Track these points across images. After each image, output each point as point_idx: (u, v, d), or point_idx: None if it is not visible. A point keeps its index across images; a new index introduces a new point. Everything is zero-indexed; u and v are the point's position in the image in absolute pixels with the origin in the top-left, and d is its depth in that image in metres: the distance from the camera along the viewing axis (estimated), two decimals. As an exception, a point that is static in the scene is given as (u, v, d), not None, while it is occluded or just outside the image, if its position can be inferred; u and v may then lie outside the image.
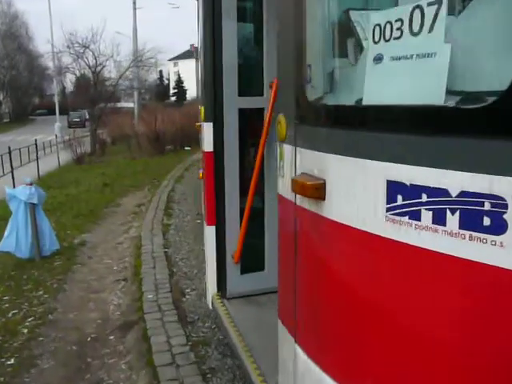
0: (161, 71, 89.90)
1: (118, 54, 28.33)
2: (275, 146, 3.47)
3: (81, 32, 26.76)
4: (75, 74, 26.74)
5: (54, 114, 40.54)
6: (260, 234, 3.96)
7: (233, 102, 3.72)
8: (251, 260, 3.95)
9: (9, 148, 14.57)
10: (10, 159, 14.42)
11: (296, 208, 1.95)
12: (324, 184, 1.73)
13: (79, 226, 8.86)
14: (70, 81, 37.47)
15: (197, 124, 5.64)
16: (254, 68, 3.91)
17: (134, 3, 33.21)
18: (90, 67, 23.50)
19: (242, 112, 3.79)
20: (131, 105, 40.14)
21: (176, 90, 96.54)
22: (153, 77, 52.81)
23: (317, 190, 1.75)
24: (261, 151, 3.71)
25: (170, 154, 19.58)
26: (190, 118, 22.59)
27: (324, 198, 1.73)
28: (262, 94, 3.81)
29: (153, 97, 61.54)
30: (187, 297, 5.36)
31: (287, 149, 2.04)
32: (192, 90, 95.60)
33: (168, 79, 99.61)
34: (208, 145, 3.83)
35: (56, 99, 40.62)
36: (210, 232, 3.96)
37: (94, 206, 10.55)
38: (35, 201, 6.70)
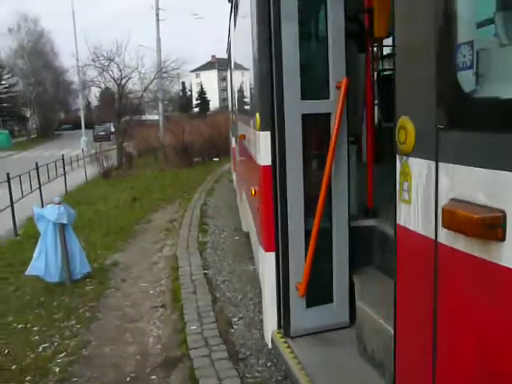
0: (183, 83, 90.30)
1: (142, 66, 28.07)
2: (343, 158, 2.91)
3: (105, 45, 26.52)
4: (100, 88, 26.54)
5: (80, 128, 40.61)
6: (327, 260, 3.38)
7: (295, 107, 3.16)
8: (317, 291, 3.37)
9: (36, 164, 14.27)
10: (38, 176, 14.11)
11: (440, 248, 1.37)
12: (503, 217, 1.15)
13: (110, 245, 8.39)
14: (94, 95, 37.52)
15: (240, 134, 5.13)
16: (316, 68, 3.35)
17: (157, 15, 33.06)
18: (115, 80, 23.27)
19: (304, 118, 3.23)
20: (155, 117, 40.02)
21: (199, 101, 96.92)
22: (175, 88, 52.74)
23: (490, 227, 1.17)
24: (329, 165, 3.14)
25: (198, 166, 19.12)
26: (217, 129, 22.24)
27: (503, 239, 1.15)
28: (327, 97, 3.24)
29: (176, 108, 61.54)
30: (235, 327, 4.78)
31: (419, 165, 1.47)
32: (214, 101, 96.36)
33: (190, 90, 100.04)
34: (265, 158, 3.28)
35: (82, 113, 40.69)
36: (268, 259, 3.39)
37: (124, 223, 10.09)
38: (65, 221, 6.25)
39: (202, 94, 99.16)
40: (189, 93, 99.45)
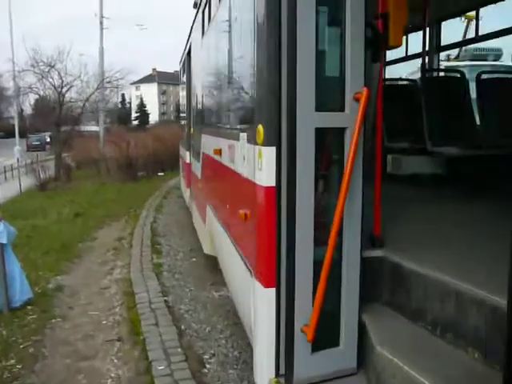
0: (123, 94, 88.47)
1: (85, 74, 26.86)
2: (358, 179, 2.50)
3: (46, 51, 25.11)
4: (39, 95, 25.11)
5: (12, 136, 38.49)
6: (335, 296, 2.92)
7: (308, 119, 2.71)
8: (323, 332, 2.88)
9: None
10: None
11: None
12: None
13: (52, 266, 7.56)
14: (28, 103, 35.56)
15: (215, 148, 4.62)
16: (331, 77, 2.91)
17: (101, 23, 32.00)
18: (55, 87, 22.05)
19: (317, 133, 2.78)
20: (93, 128, 38.60)
21: (138, 114, 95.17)
22: (114, 100, 51.36)
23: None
24: (345, 187, 2.70)
25: (143, 181, 18.28)
26: (161, 142, 21.52)
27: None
28: (342, 110, 2.81)
29: (114, 120, 60.00)
30: (208, 366, 4.22)
31: None
32: (154, 114, 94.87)
33: (130, 103, 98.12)
34: (268, 177, 2.79)
35: (16, 121, 38.58)
36: (267, 296, 2.89)
37: (66, 240, 9.24)
38: (4, 240, 5.49)
39: (141, 106, 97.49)
40: (128, 105, 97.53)
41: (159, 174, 19.64)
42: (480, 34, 5.96)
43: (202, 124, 6.82)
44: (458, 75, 5.68)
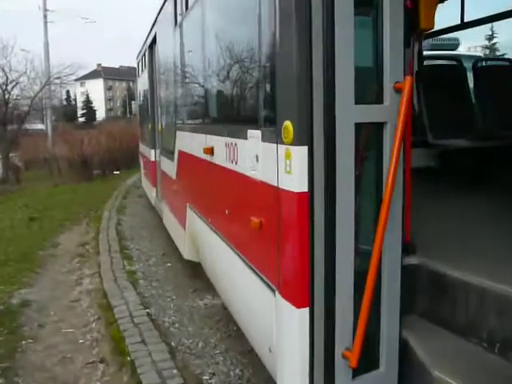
0: (68, 91, 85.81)
1: (31, 70, 25.54)
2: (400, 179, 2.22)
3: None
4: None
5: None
6: (374, 312, 2.58)
7: (347, 114, 2.35)
8: (363, 354, 2.54)
9: None
10: None
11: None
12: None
13: (13, 278, 6.91)
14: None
15: (205, 147, 4.20)
16: (368, 65, 2.55)
17: (45, 17, 30.58)
18: (-1, 85, 20.81)
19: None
20: (39, 126, 37.05)
21: (85, 111, 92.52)
22: (58, 97, 49.59)
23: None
24: (389, 190, 2.36)
25: (98, 180, 17.46)
26: (115, 140, 20.73)
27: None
28: (381, 102, 2.47)
29: (60, 118, 57.96)
30: (210, 389, 3.82)
31: None
32: (101, 111, 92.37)
33: (75, 99, 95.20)
34: (300, 181, 2.42)
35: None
36: (299, 318, 2.51)
37: (25, 248, 8.54)
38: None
39: (88, 103, 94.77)
40: (73, 102, 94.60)
41: (115, 172, 18.87)
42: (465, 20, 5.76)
43: (176, 120, 6.35)
44: (455, 63, 5.47)
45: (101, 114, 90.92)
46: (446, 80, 4.99)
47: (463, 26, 5.82)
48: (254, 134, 2.95)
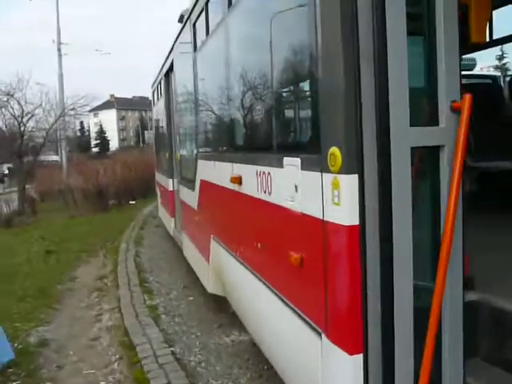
0: (82, 122, 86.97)
1: (47, 103, 25.80)
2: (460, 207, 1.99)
3: (4, 78, 23.97)
4: (-2, 126, 23.87)
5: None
6: (435, 358, 2.30)
7: (403, 137, 2.12)
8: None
9: None
10: None
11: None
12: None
13: (30, 315, 6.69)
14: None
15: (232, 177, 3.99)
16: (422, 82, 2.33)
17: (59, 50, 31.04)
18: (15, 117, 20.95)
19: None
20: (53, 157, 37.34)
21: (98, 141, 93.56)
22: (72, 128, 50.21)
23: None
24: (451, 219, 2.12)
25: (114, 210, 17.34)
26: (130, 169, 20.70)
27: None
28: (436, 123, 2.24)
29: (74, 148, 58.60)
30: None
31: None
32: (114, 141, 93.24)
33: (88, 130, 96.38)
34: (351, 213, 2.18)
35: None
36: (353, 365, 2.25)
37: (42, 282, 8.33)
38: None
39: (101, 133, 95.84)
40: (86, 132, 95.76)
41: (131, 202, 18.75)
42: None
43: (196, 149, 6.17)
44: (490, 81, 5.24)
45: (114, 144, 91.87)
46: (482, 99, 4.75)
47: (492, 43, 5.60)
48: (292, 161, 2.73)
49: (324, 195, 2.34)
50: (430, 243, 2.30)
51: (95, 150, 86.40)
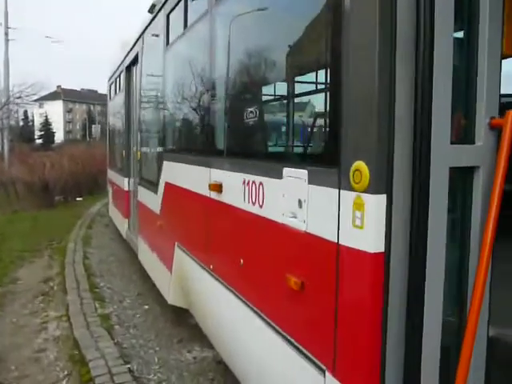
0: (25, 111, 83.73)
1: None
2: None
3: None
4: None
5: None
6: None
7: (441, 156, 1.85)
8: None
9: None
10: None
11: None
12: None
13: (-33, 320, 6.08)
14: None
15: (212, 183, 3.65)
16: (458, 97, 2.07)
17: (6, 34, 29.53)
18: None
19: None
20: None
21: (42, 132, 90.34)
22: (15, 117, 48.08)
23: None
24: (488, 250, 1.87)
25: (61, 207, 16.44)
26: (78, 164, 19.85)
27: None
28: (472, 142, 1.99)
29: (15, 138, 56.14)
30: None
31: None
32: (59, 133, 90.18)
33: (32, 120, 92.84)
34: (375, 239, 1.89)
35: None
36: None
37: (-20, 284, 7.67)
38: None
39: (46, 124, 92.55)
40: (30, 123, 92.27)
41: (78, 198, 17.89)
42: None
43: (163, 149, 5.75)
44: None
45: (59, 137, 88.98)
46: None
47: None
48: (296, 173, 2.42)
49: (341, 215, 2.05)
50: (458, 274, 2.04)
51: (39, 141, 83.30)
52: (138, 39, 7.45)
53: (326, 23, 2.22)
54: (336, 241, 2.08)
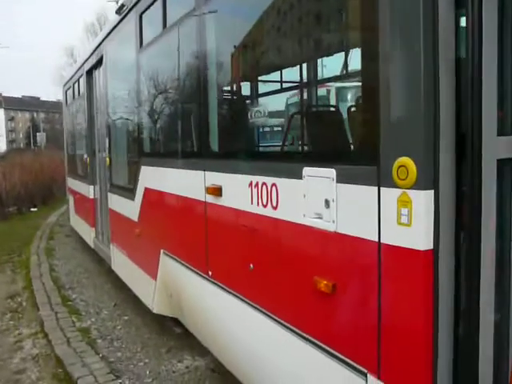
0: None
1: None
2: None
3: None
4: None
5: None
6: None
7: (488, 148, 1.82)
8: None
9: None
10: None
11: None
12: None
13: None
14: None
15: (209, 187, 3.54)
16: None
17: None
18: None
19: None
20: None
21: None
22: None
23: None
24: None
25: (15, 219, 15.75)
26: (31, 173, 19.14)
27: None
28: (508, 133, 1.97)
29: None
30: None
31: None
32: (1, 143, 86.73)
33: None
34: (425, 235, 1.85)
35: None
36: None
37: None
38: None
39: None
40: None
41: (32, 209, 17.19)
42: None
43: (139, 153, 5.56)
44: None
45: (1, 146, 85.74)
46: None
47: None
48: (321, 172, 2.35)
49: (382, 213, 1.99)
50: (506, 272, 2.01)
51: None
52: (101, 42, 7.19)
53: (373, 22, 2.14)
54: (376, 240, 2.02)
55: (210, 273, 3.73)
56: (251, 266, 3.08)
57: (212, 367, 4.62)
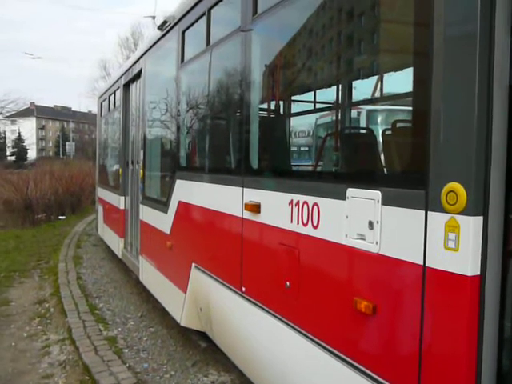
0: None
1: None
2: None
3: None
4: None
5: None
6: None
7: None
8: None
9: None
10: None
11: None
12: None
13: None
14: None
15: (248, 203, 3.58)
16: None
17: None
18: None
19: None
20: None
21: (15, 150, 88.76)
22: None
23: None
24: None
25: (44, 226, 16.03)
26: (61, 182, 19.50)
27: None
28: None
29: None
30: None
31: None
32: (32, 151, 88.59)
33: (4, 137, 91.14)
34: (472, 261, 1.85)
35: None
36: None
37: (-29, 306, 7.37)
38: None
39: (19, 141, 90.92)
40: (1, 140, 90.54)
41: (60, 217, 17.50)
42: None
43: (174, 167, 5.66)
44: None
45: (32, 154, 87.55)
46: None
47: None
48: (365, 194, 2.37)
49: (428, 237, 2.00)
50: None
51: (11, 158, 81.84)
52: (141, 56, 7.37)
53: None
54: (422, 263, 2.03)
55: (243, 289, 3.75)
56: (288, 283, 3.10)
57: (236, 383, 4.62)
